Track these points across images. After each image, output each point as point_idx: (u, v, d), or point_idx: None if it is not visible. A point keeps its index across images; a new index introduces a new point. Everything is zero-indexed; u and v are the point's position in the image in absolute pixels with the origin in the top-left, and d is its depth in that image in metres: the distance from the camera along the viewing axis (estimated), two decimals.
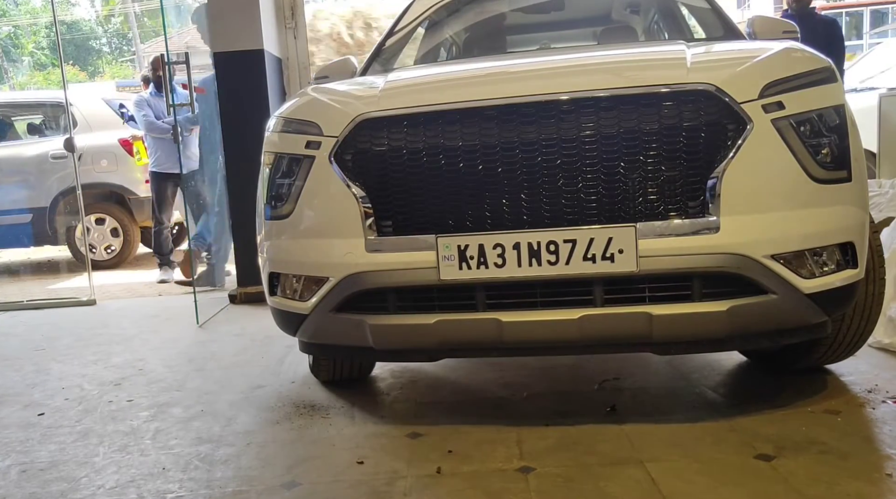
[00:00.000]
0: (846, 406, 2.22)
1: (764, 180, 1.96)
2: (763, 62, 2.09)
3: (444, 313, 2.07)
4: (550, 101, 2.01)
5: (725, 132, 1.96)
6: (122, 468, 2.15)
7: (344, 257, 2.11)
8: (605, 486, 1.82)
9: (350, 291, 2.12)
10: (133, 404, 2.71)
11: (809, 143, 2.00)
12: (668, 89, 1.97)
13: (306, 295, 2.23)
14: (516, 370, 2.76)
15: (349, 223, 2.11)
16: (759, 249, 1.93)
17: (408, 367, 2.92)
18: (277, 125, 2.36)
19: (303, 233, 2.23)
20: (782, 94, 1.99)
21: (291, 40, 4.69)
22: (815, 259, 2.00)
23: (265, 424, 2.42)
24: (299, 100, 2.44)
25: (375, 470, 2.00)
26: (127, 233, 6.70)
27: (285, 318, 2.37)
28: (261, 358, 3.22)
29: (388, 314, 2.12)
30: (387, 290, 2.10)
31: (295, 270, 2.26)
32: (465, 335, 2.08)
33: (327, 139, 2.16)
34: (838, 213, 2.01)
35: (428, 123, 2.08)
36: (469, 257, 1.99)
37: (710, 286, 1.97)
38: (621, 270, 1.94)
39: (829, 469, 1.83)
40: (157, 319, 4.25)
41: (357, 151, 2.14)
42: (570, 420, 2.24)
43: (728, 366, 2.72)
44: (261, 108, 4.37)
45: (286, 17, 4.65)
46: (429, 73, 2.64)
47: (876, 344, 2.75)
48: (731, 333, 2.00)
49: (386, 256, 2.07)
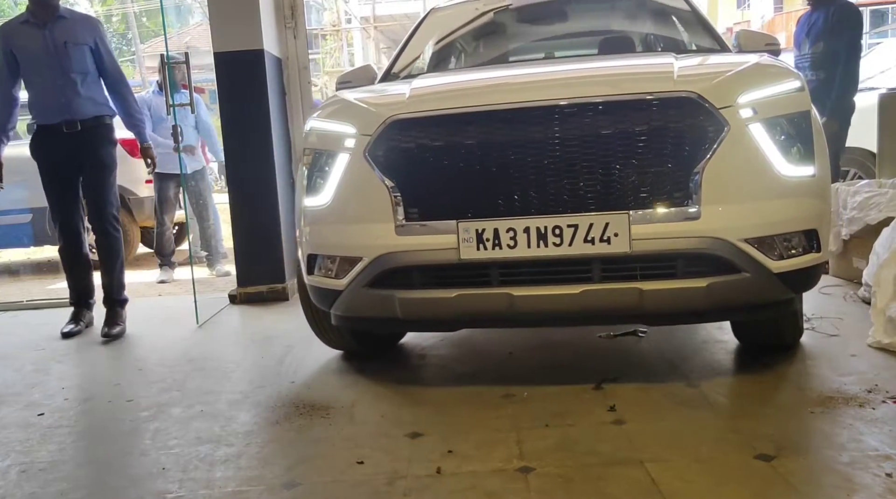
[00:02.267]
0: (846, 406, 2.22)
1: (739, 175, 2.27)
2: (738, 74, 2.42)
3: (463, 288, 2.36)
4: (556, 107, 2.31)
5: (706, 133, 2.26)
6: (122, 468, 2.15)
7: (376, 240, 2.41)
8: (605, 486, 1.82)
9: (382, 268, 2.41)
10: (133, 404, 2.71)
11: (778, 143, 2.30)
12: (657, 97, 2.29)
13: (341, 274, 2.52)
14: (516, 370, 2.76)
15: (381, 210, 2.40)
16: (734, 234, 2.23)
17: (407, 366, 2.92)
18: (317, 126, 2.69)
19: (339, 219, 2.53)
20: (755, 102, 2.31)
21: (291, 40, 4.69)
22: (784, 243, 2.30)
23: (265, 424, 2.42)
24: (335, 104, 2.79)
25: (375, 470, 2.00)
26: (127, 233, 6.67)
27: (322, 294, 2.65)
28: (261, 358, 3.22)
29: (414, 289, 2.42)
30: (413, 268, 2.40)
31: (332, 251, 2.56)
32: (481, 307, 2.38)
33: (362, 138, 2.46)
34: (804, 204, 2.33)
35: (450, 124, 2.38)
36: (485, 240, 2.29)
37: (692, 266, 2.27)
38: (616, 251, 2.23)
39: (828, 469, 1.84)
40: (156, 319, 4.25)
41: (388, 148, 2.42)
42: (569, 420, 2.25)
43: (728, 366, 2.72)
44: (261, 108, 4.37)
45: (286, 17, 4.65)
46: (449, 80, 2.94)
47: (876, 344, 2.75)
48: (710, 306, 2.30)
49: (413, 239, 2.37)
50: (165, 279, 5.77)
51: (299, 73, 4.72)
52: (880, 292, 2.82)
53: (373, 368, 2.95)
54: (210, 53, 4.42)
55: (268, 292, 4.45)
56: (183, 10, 25.26)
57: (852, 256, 3.83)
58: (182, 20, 25.20)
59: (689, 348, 2.94)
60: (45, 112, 3.69)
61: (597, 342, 3.05)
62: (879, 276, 2.87)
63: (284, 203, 4.52)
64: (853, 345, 2.81)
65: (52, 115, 3.67)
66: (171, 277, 5.80)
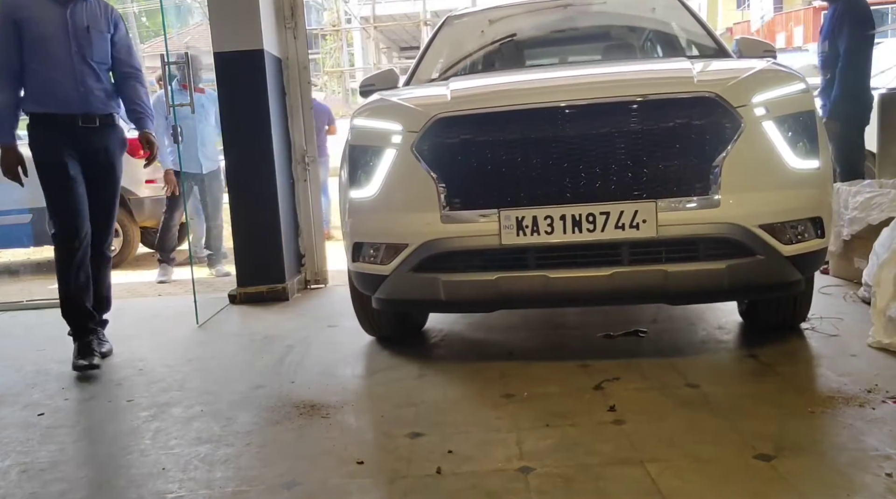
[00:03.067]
0: (846, 406, 2.22)
1: (754, 167, 2.50)
2: (751, 76, 2.66)
3: (503, 271, 2.58)
4: (591, 106, 2.56)
5: (724, 130, 2.49)
6: (122, 468, 2.15)
7: (422, 227, 2.62)
8: (605, 486, 1.82)
9: (427, 254, 2.62)
10: (133, 404, 2.71)
11: (788, 139, 2.54)
12: (680, 97, 2.53)
13: (386, 260, 2.71)
14: (516, 370, 2.76)
15: (427, 200, 2.61)
16: (750, 221, 2.47)
17: (408, 366, 2.92)
18: (363, 124, 2.91)
19: (386, 209, 2.73)
20: (767, 102, 2.55)
21: (291, 40, 4.69)
22: (793, 229, 2.53)
23: (265, 424, 2.42)
24: (380, 103, 3.01)
25: (375, 470, 2.00)
26: (127, 233, 6.69)
27: (366, 279, 2.85)
28: (261, 358, 3.22)
29: (457, 273, 2.63)
30: (457, 253, 2.60)
31: (378, 239, 2.76)
32: (520, 288, 2.60)
33: (409, 134, 2.67)
34: (810, 194, 2.57)
35: (492, 122, 2.61)
36: (525, 226, 2.51)
37: (712, 249, 2.50)
38: (644, 235, 2.47)
39: (828, 469, 1.84)
40: (156, 319, 4.25)
41: (433, 143, 2.63)
42: (569, 420, 2.25)
43: (728, 366, 2.72)
44: (261, 108, 4.36)
45: (286, 17, 4.64)
46: (486, 83, 3.15)
47: (876, 344, 2.75)
48: (729, 286, 2.53)
49: (457, 226, 2.59)
50: (165, 279, 5.76)
51: (299, 73, 4.72)
52: (880, 292, 2.82)
53: (373, 368, 2.95)
54: (210, 53, 4.42)
55: (268, 292, 4.45)
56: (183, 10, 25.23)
57: (853, 257, 3.83)
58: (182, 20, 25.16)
59: (690, 349, 2.94)
60: (56, 101, 3.17)
61: (597, 343, 3.05)
62: (879, 276, 2.87)
63: (284, 203, 4.52)
64: (853, 345, 2.81)
65: (65, 105, 3.18)
66: (171, 275, 5.79)
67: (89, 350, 3.23)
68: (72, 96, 3.17)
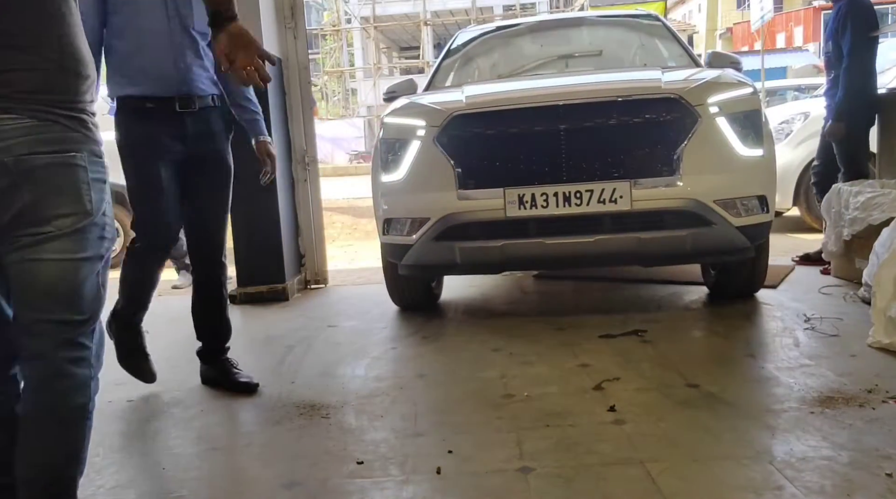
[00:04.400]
0: (846, 406, 2.22)
1: (709, 153, 3.10)
2: (707, 82, 3.29)
3: (508, 239, 3.15)
4: (578, 104, 3.16)
5: (685, 124, 3.09)
6: (122, 468, 2.15)
7: (442, 203, 3.17)
8: (605, 486, 1.82)
9: (446, 225, 3.17)
10: (133, 404, 2.71)
11: (737, 131, 3.12)
12: (651, 98, 3.17)
13: (412, 231, 3.26)
14: (516, 370, 2.76)
15: (445, 182, 3.18)
16: (706, 196, 3.05)
17: (407, 365, 2.92)
18: (393, 121, 3.49)
19: (412, 189, 3.29)
20: (719, 102, 3.15)
21: (291, 40, 4.68)
22: (742, 204, 3.10)
23: (265, 424, 2.42)
24: (408, 104, 3.58)
25: (375, 470, 2.00)
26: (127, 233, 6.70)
27: (395, 249, 3.39)
28: (261, 358, 3.22)
29: (470, 240, 3.19)
30: (470, 224, 3.17)
31: (405, 214, 3.31)
32: (522, 253, 3.19)
33: (431, 128, 3.24)
34: (756, 176, 3.19)
35: (499, 118, 3.21)
36: (525, 202, 3.07)
37: (676, 220, 3.08)
38: (621, 208, 3.04)
39: (829, 469, 1.83)
40: (156, 319, 4.24)
41: (451, 136, 3.21)
42: (570, 420, 2.25)
43: (728, 366, 2.72)
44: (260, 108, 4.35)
45: (286, 17, 4.64)
46: (495, 88, 3.79)
47: (876, 344, 2.75)
48: (691, 250, 3.13)
49: (470, 203, 3.16)
50: (181, 284, 5.26)
51: (299, 73, 4.72)
52: (880, 292, 2.82)
53: (373, 368, 2.95)
54: None
55: (268, 292, 4.45)
56: None
57: (854, 257, 3.82)
58: None
59: (689, 349, 2.94)
60: (150, 80, 2.49)
61: (597, 343, 3.05)
62: (879, 276, 2.87)
63: (284, 203, 4.52)
64: (853, 345, 2.81)
65: (161, 86, 2.49)
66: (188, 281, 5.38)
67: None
68: (168, 73, 2.49)
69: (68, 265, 1.41)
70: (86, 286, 1.45)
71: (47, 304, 1.41)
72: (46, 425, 1.46)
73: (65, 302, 1.43)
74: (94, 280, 1.47)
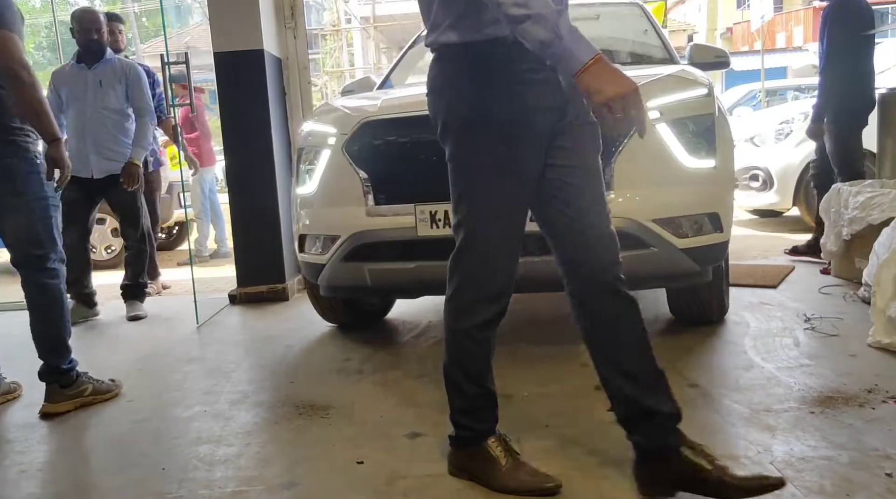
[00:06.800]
0: (846, 406, 2.22)
1: (646, 166, 2.65)
2: (650, 82, 2.74)
3: (420, 260, 2.73)
4: None
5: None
6: (123, 468, 2.15)
7: (351, 220, 2.82)
8: (605, 486, 1.82)
9: (355, 244, 2.82)
10: (133, 404, 2.71)
11: (683, 139, 2.67)
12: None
13: (325, 250, 2.93)
14: (517, 371, 2.75)
15: (355, 196, 2.81)
16: (643, 215, 2.61)
17: (407, 366, 2.92)
18: (308, 127, 3.16)
19: (323, 204, 2.96)
20: (661, 106, 2.68)
21: (291, 40, 4.69)
22: (689, 224, 2.67)
23: (265, 424, 2.42)
24: (322, 109, 3.25)
25: (375, 470, 2.00)
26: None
27: (310, 268, 3.07)
28: (261, 358, 3.22)
29: (381, 261, 2.82)
30: (380, 244, 2.80)
31: (317, 231, 2.99)
32: (437, 276, 2.44)
33: (341, 136, 2.88)
34: (707, 191, 2.73)
35: (409, 124, 2.75)
36: (438, 220, 2.66)
37: None
38: None
39: (829, 469, 1.83)
40: (156, 319, 4.25)
41: (361, 145, 2.83)
42: (569, 420, 2.25)
43: (728, 366, 2.72)
44: (261, 108, 4.36)
45: (286, 17, 4.64)
46: (415, 91, 3.20)
47: (876, 344, 2.75)
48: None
49: (380, 220, 2.79)
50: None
51: (299, 73, 4.72)
52: (880, 292, 2.82)
53: (373, 368, 2.95)
54: (210, 53, 4.42)
55: (268, 292, 4.45)
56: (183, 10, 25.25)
57: (853, 257, 3.83)
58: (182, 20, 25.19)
59: (690, 349, 2.94)
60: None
61: None
62: (879, 276, 2.87)
63: (284, 203, 4.52)
64: (853, 345, 2.81)
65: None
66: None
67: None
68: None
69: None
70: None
71: None
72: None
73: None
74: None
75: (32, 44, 26.41)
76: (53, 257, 2.71)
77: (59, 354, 2.72)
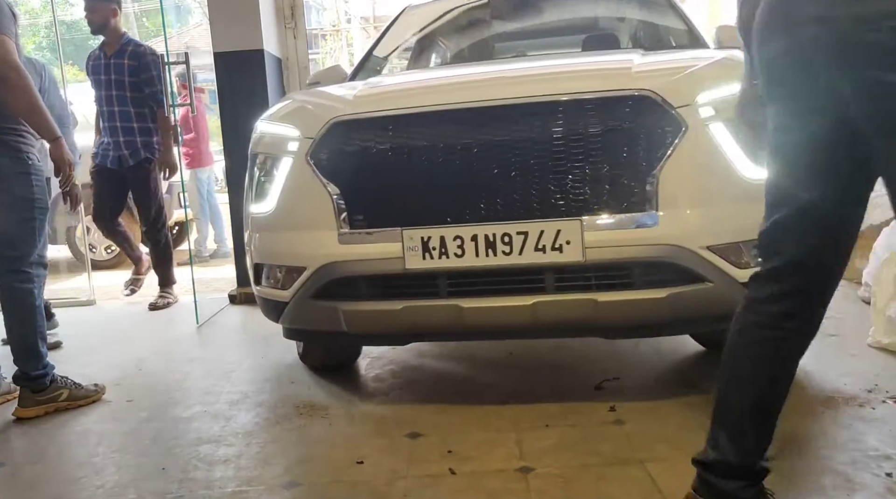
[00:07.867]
0: (846, 406, 2.22)
1: (699, 178, 2.08)
2: (700, 71, 2.23)
3: (409, 300, 2.20)
4: (500, 106, 2.15)
5: (662, 134, 2.07)
6: (122, 468, 2.15)
7: (319, 249, 2.25)
8: (605, 486, 1.82)
9: (325, 279, 2.26)
10: (133, 404, 2.71)
11: (742, 143, 2.07)
12: (609, 95, 2.11)
13: (287, 284, 2.35)
14: (516, 370, 2.76)
15: (323, 217, 2.24)
16: (695, 241, 2.05)
17: (407, 366, 2.92)
18: (263, 128, 2.55)
19: (283, 227, 2.37)
20: (716, 101, 2.10)
21: (291, 40, 4.69)
22: (751, 250, 2.03)
23: (265, 424, 2.42)
24: (284, 104, 2.64)
25: (375, 470, 2.00)
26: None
27: (269, 305, 2.50)
28: (261, 358, 3.22)
29: (359, 301, 2.27)
30: (358, 278, 2.25)
31: (277, 260, 2.41)
32: (430, 320, 2.21)
33: (305, 140, 2.30)
34: None
35: (392, 126, 2.23)
36: (431, 248, 2.13)
37: (650, 275, 2.09)
38: (569, 259, 2.06)
39: (828, 469, 1.83)
40: (156, 319, 4.25)
41: (331, 151, 2.27)
42: (569, 421, 2.24)
43: None
44: (261, 108, 4.33)
45: (286, 17, 4.65)
46: (399, 80, 2.83)
47: (876, 344, 2.75)
48: (672, 318, 2.11)
49: (356, 248, 2.21)
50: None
51: (299, 73, 4.72)
52: (880, 292, 2.82)
53: (372, 368, 2.94)
54: (210, 53, 4.42)
55: None
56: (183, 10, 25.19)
57: (854, 256, 3.82)
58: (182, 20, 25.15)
59: (690, 348, 2.94)
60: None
61: (597, 342, 3.05)
62: (879, 275, 2.87)
63: None
64: (853, 345, 2.81)
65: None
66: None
67: None
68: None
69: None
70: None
71: None
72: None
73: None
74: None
75: (32, 44, 26.42)
76: (29, 261, 2.61)
77: (28, 360, 2.62)
